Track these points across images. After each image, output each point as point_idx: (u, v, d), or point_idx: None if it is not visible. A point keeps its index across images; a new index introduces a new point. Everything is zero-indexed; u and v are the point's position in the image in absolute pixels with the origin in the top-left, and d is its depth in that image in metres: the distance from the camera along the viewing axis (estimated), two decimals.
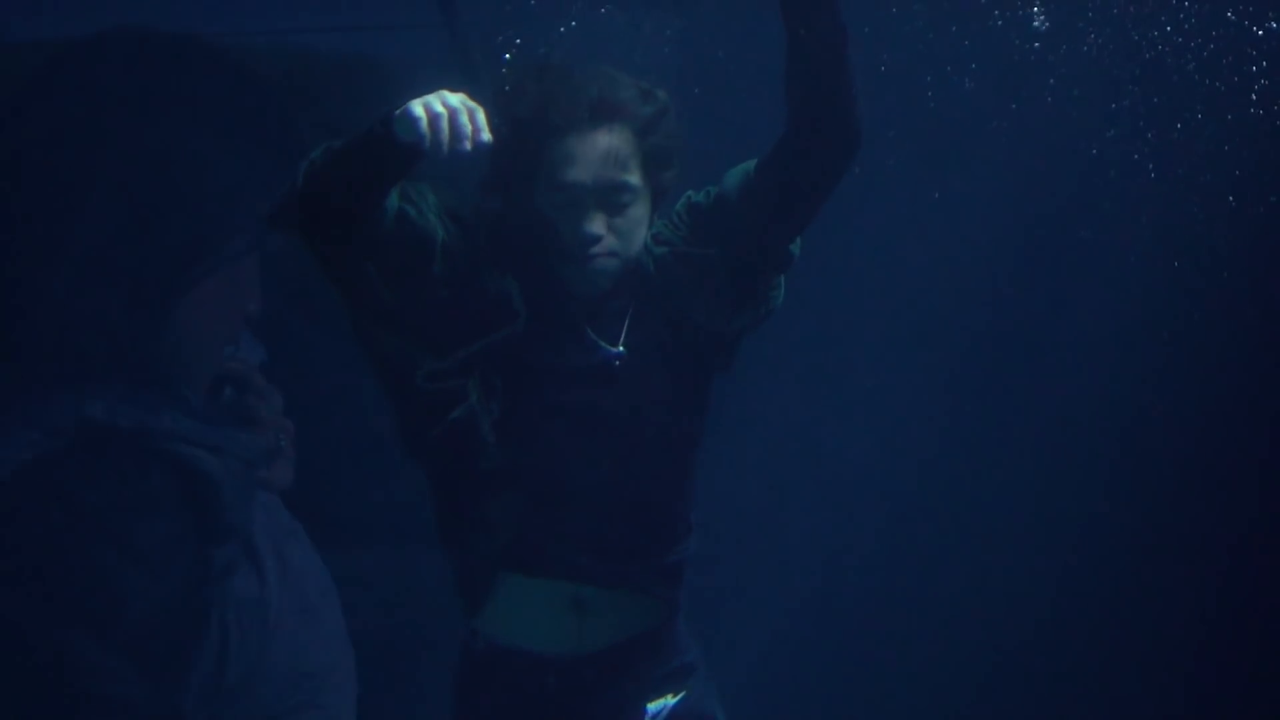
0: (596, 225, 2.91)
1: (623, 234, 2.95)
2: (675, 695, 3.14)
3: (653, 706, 3.11)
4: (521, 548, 2.98)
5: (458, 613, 3.12)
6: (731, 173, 3.02)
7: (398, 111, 2.68)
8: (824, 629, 5.80)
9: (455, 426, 2.92)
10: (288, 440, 1.59)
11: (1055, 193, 5.91)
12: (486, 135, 2.69)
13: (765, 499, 5.80)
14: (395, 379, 2.96)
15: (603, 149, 2.92)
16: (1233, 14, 5.79)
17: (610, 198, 2.92)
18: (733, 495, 5.25)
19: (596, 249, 2.92)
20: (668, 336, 3.03)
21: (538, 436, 2.96)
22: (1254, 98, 5.82)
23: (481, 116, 2.70)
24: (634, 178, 2.94)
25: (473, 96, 2.73)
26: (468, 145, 2.66)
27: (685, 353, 3.04)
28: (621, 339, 3.01)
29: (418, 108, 2.66)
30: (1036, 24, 5.86)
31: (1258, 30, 5.79)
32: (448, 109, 2.66)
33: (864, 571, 5.87)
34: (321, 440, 3.91)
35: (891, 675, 5.75)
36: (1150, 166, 5.87)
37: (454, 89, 2.73)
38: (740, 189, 2.98)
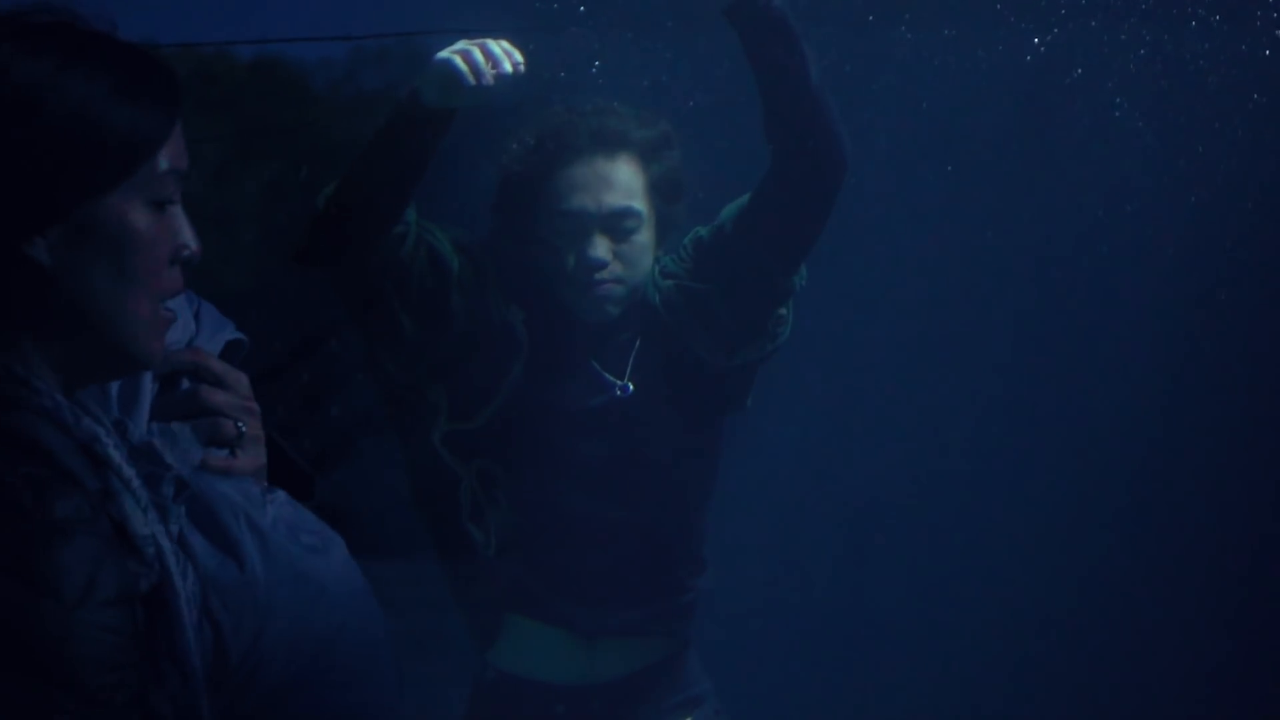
0: (601, 251, 2.92)
1: (628, 260, 2.95)
2: None
3: None
4: (524, 594, 3.00)
5: (465, 643, 3.14)
6: (729, 207, 3.02)
7: (418, 81, 2.74)
8: (839, 644, 5.79)
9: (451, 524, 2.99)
10: (252, 424, 1.56)
11: (1076, 199, 5.91)
12: (519, 55, 2.73)
13: (779, 513, 5.80)
14: (410, 428, 3.00)
15: (605, 175, 2.94)
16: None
17: (614, 224, 2.93)
18: (745, 512, 5.23)
19: (602, 275, 2.92)
20: (673, 372, 3.02)
21: (540, 486, 2.97)
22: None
23: (506, 42, 2.75)
24: (638, 203, 2.95)
25: None
26: (507, 66, 2.71)
27: (691, 388, 3.03)
28: (627, 374, 3.01)
29: (444, 54, 2.71)
30: (1055, 32, 5.87)
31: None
32: (474, 44, 2.72)
33: (881, 583, 5.86)
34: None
35: (910, 689, 5.74)
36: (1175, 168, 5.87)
37: None
38: (736, 223, 2.99)
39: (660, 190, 2.99)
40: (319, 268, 2.91)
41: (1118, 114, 5.87)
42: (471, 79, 2.68)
